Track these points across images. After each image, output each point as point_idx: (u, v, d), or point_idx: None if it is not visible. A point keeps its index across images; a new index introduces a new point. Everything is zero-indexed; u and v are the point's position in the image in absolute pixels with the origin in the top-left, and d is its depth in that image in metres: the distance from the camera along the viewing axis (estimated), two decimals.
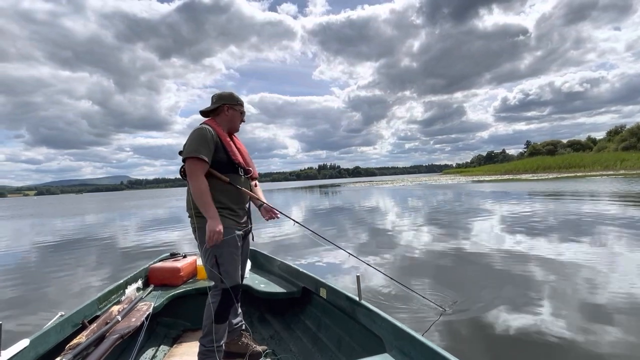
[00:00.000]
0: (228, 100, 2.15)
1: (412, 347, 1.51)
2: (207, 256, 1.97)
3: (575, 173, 42.63)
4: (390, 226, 8.76)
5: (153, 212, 19.83)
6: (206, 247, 1.94)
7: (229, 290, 1.99)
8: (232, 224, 2.02)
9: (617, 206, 10.14)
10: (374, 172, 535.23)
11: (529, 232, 6.84)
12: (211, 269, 1.97)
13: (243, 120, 2.25)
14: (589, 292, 3.45)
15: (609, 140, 63.54)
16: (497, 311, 3.10)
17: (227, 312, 2.03)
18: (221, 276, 1.95)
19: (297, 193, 34.24)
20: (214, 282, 2.01)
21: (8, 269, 6.36)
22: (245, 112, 2.26)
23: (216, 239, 1.87)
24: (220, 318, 1.98)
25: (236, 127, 2.22)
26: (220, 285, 1.98)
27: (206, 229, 1.86)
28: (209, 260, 1.97)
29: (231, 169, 2.05)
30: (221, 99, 2.15)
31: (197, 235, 1.98)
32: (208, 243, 1.88)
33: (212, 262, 1.96)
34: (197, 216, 1.96)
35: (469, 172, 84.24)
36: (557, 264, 4.49)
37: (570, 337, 2.57)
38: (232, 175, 2.05)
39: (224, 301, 1.99)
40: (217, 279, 1.97)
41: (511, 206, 11.66)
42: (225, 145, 2.04)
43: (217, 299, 1.98)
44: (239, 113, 2.19)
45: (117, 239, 9.44)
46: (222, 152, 2.01)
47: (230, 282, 1.98)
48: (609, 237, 5.97)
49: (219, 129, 2.07)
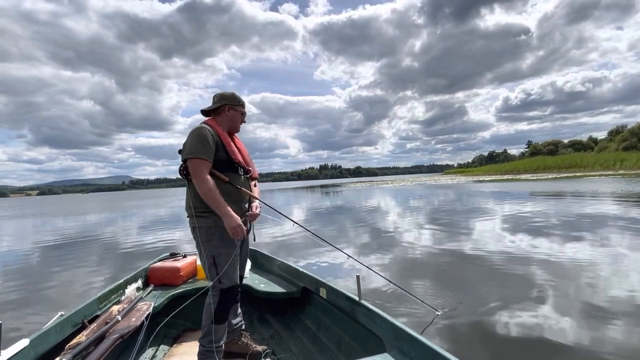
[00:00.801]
0: (230, 100, 2.15)
1: (412, 347, 1.51)
2: (206, 256, 1.97)
3: (574, 173, 42.70)
4: (387, 226, 8.78)
5: (154, 212, 19.85)
6: (204, 247, 1.95)
7: (227, 291, 1.99)
8: None
9: (605, 205, 10.26)
10: (376, 172, 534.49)
11: (523, 230, 6.90)
12: (209, 269, 1.97)
13: (244, 121, 2.26)
14: (589, 293, 3.44)
15: (610, 140, 63.42)
16: (497, 312, 3.10)
17: (227, 313, 2.03)
18: (219, 277, 1.95)
19: (298, 193, 34.32)
20: (213, 283, 2.01)
21: (8, 268, 6.37)
22: (246, 113, 2.26)
23: (241, 233, 1.90)
24: (219, 318, 1.98)
25: (237, 127, 2.22)
26: (219, 286, 1.98)
27: (226, 227, 1.88)
28: (207, 261, 1.97)
29: (231, 168, 2.04)
30: (223, 99, 2.15)
31: (197, 234, 1.97)
32: (235, 237, 1.90)
33: (210, 263, 1.95)
34: (196, 216, 1.96)
35: (469, 172, 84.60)
36: (551, 263, 4.50)
37: (570, 338, 2.56)
38: (232, 175, 2.04)
39: (223, 302, 1.98)
40: (216, 280, 1.96)
41: (506, 205, 11.78)
42: (225, 145, 2.04)
43: (215, 300, 1.97)
44: (239, 114, 2.20)
45: (118, 238, 9.45)
46: (222, 152, 2.01)
47: (228, 282, 1.98)
48: (598, 235, 6.00)
49: (219, 128, 2.07)
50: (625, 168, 41.33)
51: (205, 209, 1.94)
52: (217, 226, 1.93)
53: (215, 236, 1.95)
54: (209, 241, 1.96)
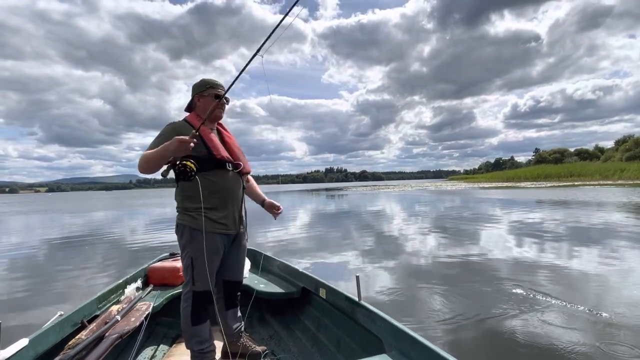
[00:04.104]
0: (197, 89, 2.00)
1: (412, 348, 1.50)
2: (184, 256, 1.89)
3: (573, 182, 42.59)
4: (379, 229, 8.82)
5: (161, 210, 20.09)
6: (185, 247, 1.88)
7: (200, 294, 1.90)
8: (216, 227, 1.89)
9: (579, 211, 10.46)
10: (381, 177, 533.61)
11: (504, 236, 6.98)
12: (186, 270, 1.90)
13: (223, 103, 1.99)
14: (584, 299, 3.42)
15: (616, 150, 62.95)
16: (497, 315, 3.08)
17: (204, 313, 1.94)
18: (193, 279, 1.88)
19: (303, 195, 34.54)
20: (186, 283, 1.92)
21: (8, 267, 6.42)
22: (220, 93, 1.97)
23: (186, 140, 1.64)
24: (197, 320, 1.91)
25: (216, 114, 1.98)
26: (192, 288, 1.88)
27: (173, 149, 1.65)
28: (185, 260, 1.89)
29: (215, 164, 1.90)
30: (192, 91, 2.03)
31: (180, 232, 1.90)
32: (183, 143, 1.64)
33: (188, 263, 1.88)
34: (184, 214, 1.89)
35: (472, 178, 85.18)
36: (526, 265, 4.54)
37: (574, 345, 2.53)
38: (218, 172, 1.91)
39: (196, 304, 1.90)
40: (190, 281, 1.89)
41: (484, 211, 12.55)
42: (205, 140, 1.88)
43: (189, 302, 1.90)
44: (211, 97, 1.97)
45: (119, 237, 9.51)
46: (202, 147, 1.85)
47: (201, 286, 1.88)
48: (559, 242, 6.02)
49: (197, 121, 1.88)
50: (625, 178, 41.18)
51: (192, 208, 1.86)
52: (201, 229, 1.84)
53: (198, 238, 1.84)
54: (190, 242, 1.86)
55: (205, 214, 1.85)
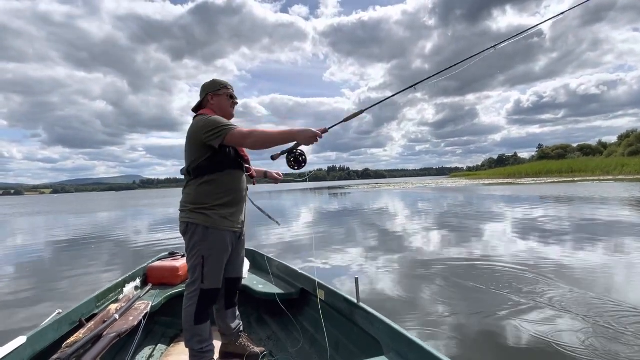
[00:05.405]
0: (210, 88, 2.03)
1: (410, 350, 1.51)
2: (194, 254, 1.89)
3: (573, 178, 42.29)
4: (379, 229, 8.82)
5: (163, 210, 20.15)
6: (195, 246, 1.88)
7: (208, 292, 1.91)
8: (227, 225, 1.92)
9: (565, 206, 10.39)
10: (384, 175, 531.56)
11: (494, 234, 6.99)
12: (194, 268, 1.89)
13: (235, 103, 2.09)
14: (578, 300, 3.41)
15: (619, 145, 62.52)
16: (497, 316, 3.08)
17: (207, 312, 1.95)
18: (203, 277, 1.88)
19: (305, 194, 34.58)
20: (193, 282, 1.92)
21: (10, 266, 6.45)
22: (233, 94, 2.08)
23: (316, 134, 1.80)
24: (200, 319, 1.91)
25: (228, 112, 2.05)
26: (200, 286, 1.89)
27: (304, 140, 1.82)
28: (195, 259, 1.88)
29: (237, 164, 1.94)
30: (204, 90, 2.06)
31: (191, 231, 1.89)
32: (316, 137, 1.80)
33: (199, 261, 1.87)
34: (196, 212, 1.89)
35: (474, 175, 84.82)
36: (533, 266, 4.49)
37: (576, 346, 2.53)
38: (237, 172, 1.95)
39: (202, 303, 1.90)
40: (198, 279, 1.89)
41: (476, 207, 12.79)
42: None
43: (194, 301, 1.89)
44: (225, 97, 2.04)
45: (120, 237, 9.54)
46: (230, 146, 1.88)
47: (209, 284, 1.90)
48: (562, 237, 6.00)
49: None
50: (625, 173, 40.84)
51: (208, 206, 1.86)
52: (215, 227, 1.87)
53: (210, 237, 1.87)
54: (202, 240, 1.87)
55: (221, 212, 1.89)
